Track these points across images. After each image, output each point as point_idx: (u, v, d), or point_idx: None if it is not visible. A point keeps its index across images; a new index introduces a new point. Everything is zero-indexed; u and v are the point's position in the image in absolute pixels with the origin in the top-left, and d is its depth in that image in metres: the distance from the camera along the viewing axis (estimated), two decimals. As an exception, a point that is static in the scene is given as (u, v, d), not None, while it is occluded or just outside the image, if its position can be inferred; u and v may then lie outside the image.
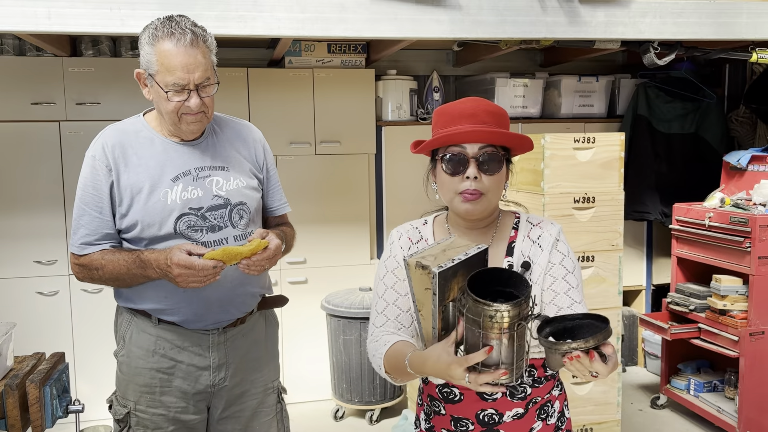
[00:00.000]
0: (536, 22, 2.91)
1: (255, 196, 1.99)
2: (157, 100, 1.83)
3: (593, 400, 3.17)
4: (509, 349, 1.29)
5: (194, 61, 1.77)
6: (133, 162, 1.85)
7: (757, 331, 3.34)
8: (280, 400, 2.13)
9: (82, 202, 1.86)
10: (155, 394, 1.91)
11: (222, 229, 1.89)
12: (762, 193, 3.50)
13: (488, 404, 1.52)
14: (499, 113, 1.50)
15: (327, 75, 3.96)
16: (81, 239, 1.86)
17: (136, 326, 1.93)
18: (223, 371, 1.95)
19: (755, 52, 3.38)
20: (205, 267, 1.71)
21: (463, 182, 1.47)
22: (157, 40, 1.77)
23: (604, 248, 3.10)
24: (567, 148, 3.03)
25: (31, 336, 3.61)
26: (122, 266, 1.81)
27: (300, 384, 4.08)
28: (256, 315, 2.05)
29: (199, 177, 1.89)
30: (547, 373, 1.56)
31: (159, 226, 1.83)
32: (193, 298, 1.87)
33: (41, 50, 3.64)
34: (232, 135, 2.01)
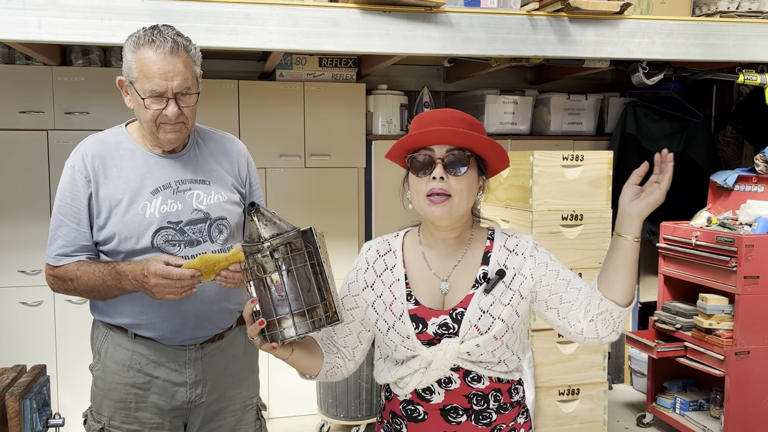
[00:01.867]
0: (526, 40, 2.93)
1: (236, 211, 1.96)
2: (137, 108, 1.81)
3: (579, 417, 3.17)
4: (268, 298, 1.34)
5: (173, 68, 1.75)
6: (112, 174, 1.83)
7: (743, 350, 3.35)
8: (259, 417, 2.10)
9: (59, 213, 1.84)
10: (130, 410, 1.88)
11: (200, 243, 1.86)
12: (748, 213, 3.52)
13: (451, 426, 1.50)
14: (470, 121, 1.50)
15: (318, 88, 3.97)
16: (57, 250, 1.84)
17: (112, 340, 1.90)
18: (200, 387, 1.92)
19: (742, 73, 3.41)
20: (182, 276, 1.68)
21: (430, 183, 1.46)
22: (138, 48, 1.76)
23: (592, 266, 3.11)
24: (555, 165, 3.04)
25: (13, 346, 3.57)
26: (97, 278, 1.79)
27: (285, 399, 4.05)
28: (235, 330, 2.02)
29: (179, 190, 1.86)
30: (513, 399, 1.54)
31: (136, 240, 1.81)
32: (170, 313, 1.84)
33: (31, 59, 3.62)
34: (216, 148, 1.98)
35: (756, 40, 3.18)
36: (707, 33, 3.12)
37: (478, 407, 1.50)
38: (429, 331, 1.48)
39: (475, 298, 1.49)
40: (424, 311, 1.50)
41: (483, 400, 1.50)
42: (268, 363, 3.97)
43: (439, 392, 1.50)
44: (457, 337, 1.46)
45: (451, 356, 1.45)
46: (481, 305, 1.48)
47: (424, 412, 1.52)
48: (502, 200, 3.29)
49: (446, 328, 1.48)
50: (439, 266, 1.55)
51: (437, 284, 1.53)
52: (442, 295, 1.52)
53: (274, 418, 4.04)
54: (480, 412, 1.50)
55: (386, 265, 1.58)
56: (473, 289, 1.50)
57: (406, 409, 1.54)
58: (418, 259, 1.57)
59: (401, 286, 1.54)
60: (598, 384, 3.18)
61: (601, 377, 3.18)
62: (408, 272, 1.55)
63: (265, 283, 1.34)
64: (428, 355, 1.46)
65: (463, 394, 1.49)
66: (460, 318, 1.47)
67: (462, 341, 1.45)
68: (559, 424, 3.11)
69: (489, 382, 1.49)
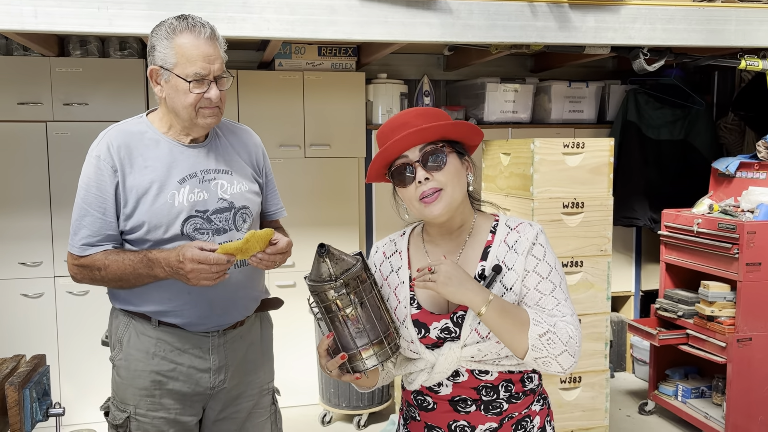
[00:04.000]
0: (526, 27, 2.91)
1: (257, 201, 2.00)
2: (174, 95, 1.82)
3: (581, 405, 3.17)
4: (345, 333, 1.36)
5: (214, 52, 1.80)
6: (138, 163, 1.84)
7: (745, 337, 3.34)
8: (274, 402, 2.13)
9: (84, 203, 1.84)
10: (155, 397, 1.89)
11: (227, 232, 1.89)
12: (750, 199, 3.51)
13: (461, 416, 1.49)
14: (432, 113, 1.48)
15: (317, 78, 3.95)
16: (82, 240, 1.84)
17: (134, 329, 1.91)
18: (223, 373, 1.95)
19: (744, 59, 3.39)
20: (219, 261, 1.71)
21: (418, 188, 1.45)
22: (176, 34, 1.78)
23: (593, 254, 3.10)
24: (556, 153, 3.03)
25: (14, 338, 3.57)
26: (128, 266, 1.80)
27: (288, 388, 4.03)
28: (252, 317, 2.06)
29: (204, 179, 1.89)
30: (526, 388, 1.52)
31: (166, 228, 1.82)
32: (198, 300, 1.86)
33: (28, 50, 3.61)
34: (234, 139, 2.02)
35: (758, 26, 3.15)
36: (709, 18, 3.10)
37: (488, 398, 1.49)
38: (431, 335, 1.48)
39: None
40: (426, 316, 1.49)
41: (492, 391, 1.48)
42: (269, 353, 3.98)
43: (447, 384, 1.50)
44: (459, 341, 1.45)
45: (453, 361, 1.45)
46: None
47: (434, 403, 1.52)
48: (502, 188, 3.28)
49: (448, 332, 1.47)
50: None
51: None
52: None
53: (276, 408, 4.04)
54: (489, 402, 1.49)
55: (392, 267, 1.59)
56: None
57: (417, 399, 1.56)
58: (422, 258, 1.57)
59: (405, 289, 1.54)
60: (600, 372, 3.17)
61: (602, 365, 3.18)
62: (413, 273, 1.55)
63: (340, 318, 1.36)
64: (432, 359, 1.47)
65: (471, 387, 1.48)
66: (461, 322, 1.46)
67: (464, 345, 1.45)
68: (561, 412, 3.11)
69: (498, 374, 1.48)
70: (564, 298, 1.48)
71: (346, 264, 1.35)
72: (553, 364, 1.41)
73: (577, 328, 1.44)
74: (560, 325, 1.41)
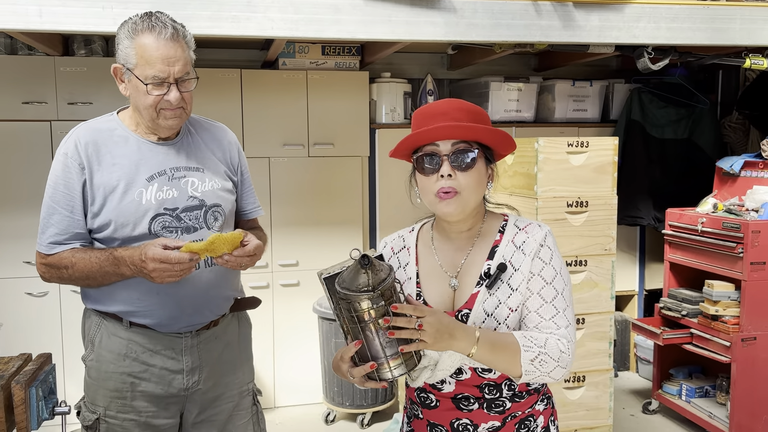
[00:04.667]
0: (530, 26, 2.91)
1: (230, 198, 1.97)
2: (135, 95, 1.80)
3: (585, 405, 3.17)
4: (375, 342, 1.33)
5: (174, 54, 1.76)
6: (107, 161, 1.82)
7: (749, 336, 3.34)
8: (255, 402, 2.10)
9: (52, 201, 1.82)
10: (126, 399, 1.87)
11: (197, 230, 1.87)
12: (754, 198, 3.50)
13: (463, 414, 1.49)
14: (474, 111, 1.47)
15: (321, 77, 3.95)
16: (50, 238, 1.82)
17: (105, 329, 1.89)
18: (197, 375, 1.92)
19: (748, 58, 3.38)
20: (181, 260, 1.68)
21: (438, 181, 1.44)
22: (137, 34, 1.75)
23: (597, 253, 3.10)
24: (560, 152, 3.03)
25: (20, 337, 3.58)
26: (94, 264, 1.78)
27: (291, 387, 4.06)
28: (228, 317, 2.02)
29: (174, 177, 1.86)
30: (530, 387, 1.52)
31: (133, 226, 1.80)
32: (167, 300, 1.84)
33: (33, 49, 3.61)
34: (207, 137, 1.99)
35: (762, 24, 3.14)
36: (713, 17, 3.09)
37: (490, 396, 1.48)
38: None
39: (480, 297, 1.47)
40: None
41: (495, 390, 1.48)
42: (273, 353, 3.98)
43: (450, 382, 1.49)
44: None
45: (457, 358, 1.44)
46: (486, 307, 1.46)
47: (436, 400, 1.52)
48: (506, 187, 3.28)
49: None
50: (449, 261, 1.54)
51: (447, 280, 1.52)
52: (452, 291, 1.51)
53: (280, 407, 4.05)
54: (492, 401, 1.48)
55: (400, 262, 1.59)
56: (477, 287, 1.48)
57: (420, 397, 1.55)
58: (430, 254, 1.57)
59: (412, 285, 1.54)
60: (603, 371, 3.17)
61: (606, 364, 3.18)
62: (420, 269, 1.55)
63: (371, 328, 1.33)
64: (435, 356, 1.45)
65: (474, 384, 1.48)
66: (465, 320, 1.45)
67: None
68: (565, 411, 3.11)
69: (501, 373, 1.48)
70: (564, 307, 1.47)
71: (382, 274, 1.32)
72: (546, 379, 1.43)
73: (570, 341, 1.44)
74: (551, 343, 1.42)
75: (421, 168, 1.47)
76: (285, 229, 3.94)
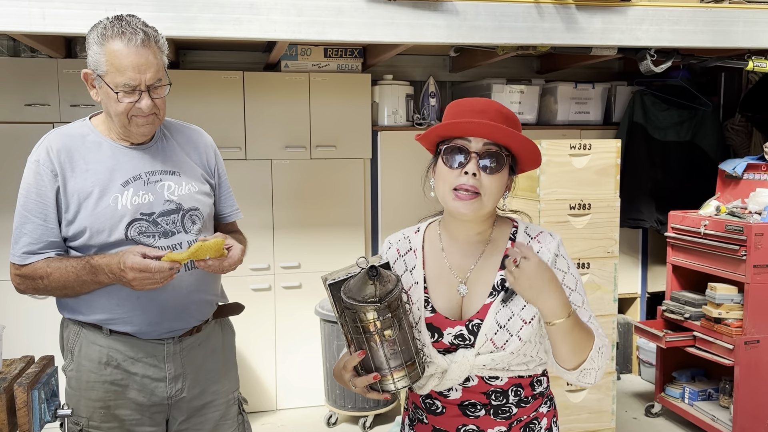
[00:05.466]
0: (533, 28, 2.91)
1: (207, 202, 1.94)
2: (106, 102, 1.77)
3: (587, 407, 3.16)
4: (380, 353, 1.32)
5: (146, 61, 1.71)
6: (80, 167, 1.79)
7: (752, 339, 3.33)
8: (241, 411, 2.07)
9: (24, 210, 1.79)
10: (109, 408, 1.84)
11: (174, 234, 1.84)
12: (757, 201, 3.50)
13: (470, 420, 1.48)
14: (510, 116, 1.44)
15: (323, 79, 3.95)
16: (23, 248, 1.79)
17: (85, 338, 1.86)
18: (180, 382, 1.89)
19: (751, 60, 3.38)
20: (161, 269, 1.66)
21: (460, 177, 1.40)
22: (106, 40, 1.71)
23: (600, 255, 3.09)
24: (563, 154, 3.02)
25: (22, 340, 3.58)
26: (70, 273, 1.74)
27: (293, 389, 4.05)
28: (212, 324, 2.00)
29: (150, 181, 1.83)
30: (535, 391, 1.51)
31: (109, 233, 1.77)
32: (148, 305, 1.81)
33: (36, 51, 3.62)
34: (183, 140, 1.96)
35: (765, 27, 3.14)
36: (716, 19, 3.09)
37: (497, 402, 1.47)
38: (445, 340, 1.46)
39: (492, 309, 1.44)
40: (440, 320, 1.46)
41: (502, 396, 1.47)
42: (275, 355, 3.98)
43: (456, 389, 1.48)
44: (473, 349, 1.43)
45: (465, 368, 1.43)
46: (498, 318, 1.43)
47: (443, 407, 1.50)
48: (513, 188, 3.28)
49: (462, 339, 1.44)
50: (458, 265, 1.50)
51: (455, 285, 1.49)
52: (461, 298, 1.48)
53: (282, 409, 4.05)
54: (499, 407, 1.47)
55: (406, 266, 1.54)
56: (491, 298, 1.45)
57: (426, 403, 1.53)
58: (437, 257, 1.53)
59: (419, 290, 1.50)
60: (606, 374, 3.17)
61: (609, 367, 3.17)
62: (427, 273, 1.52)
63: (376, 339, 1.32)
64: (444, 364, 1.44)
65: (481, 391, 1.47)
66: (477, 330, 1.43)
67: (478, 353, 1.42)
68: (567, 414, 3.10)
69: (508, 380, 1.47)
70: (590, 315, 1.49)
71: (389, 285, 1.30)
72: (591, 377, 1.42)
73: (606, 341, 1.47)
74: (605, 341, 1.45)
75: (447, 159, 1.43)
76: (287, 232, 3.94)
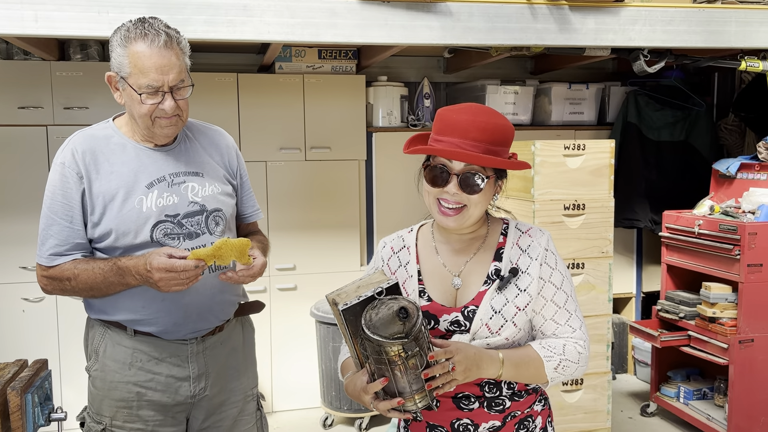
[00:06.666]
0: (526, 29, 2.91)
1: (230, 203, 1.96)
2: (130, 104, 1.78)
3: (583, 407, 3.16)
4: (403, 380, 1.33)
5: (168, 62, 1.73)
6: (105, 169, 1.80)
7: (747, 338, 3.34)
8: (259, 407, 2.09)
9: (50, 211, 1.80)
10: (132, 409, 1.85)
11: (199, 236, 1.85)
12: (751, 200, 3.51)
13: (464, 413, 1.50)
14: (496, 131, 1.43)
15: (317, 81, 3.95)
16: (50, 250, 1.79)
17: (110, 339, 1.87)
18: (203, 381, 1.91)
19: (744, 60, 3.39)
20: (186, 268, 1.67)
21: (443, 194, 1.45)
22: (129, 42, 1.72)
23: (594, 255, 3.10)
24: (557, 155, 3.03)
25: (16, 343, 3.57)
26: (98, 275, 1.76)
27: (289, 391, 4.05)
28: (233, 322, 2.01)
29: (174, 183, 1.84)
30: (528, 387, 1.54)
31: (134, 234, 1.78)
32: (172, 307, 1.83)
33: (29, 54, 3.61)
34: (205, 141, 1.97)
35: (758, 27, 3.15)
36: (709, 20, 3.10)
37: (491, 395, 1.50)
38: (441, 327, 1.49)
39: (488, 295, 1.49)
40: (437, 308, 1.51)
41: (495, 388, 1.50)
42: (271, 357, 3.97)
43: None
44: (468, 334, 1.47)
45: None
46: (494, 304, 1.48)
47: (437, 400, 1.52)
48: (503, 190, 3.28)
49: (458, 325, 1.48)
50: (452, 261, 1.55)
51: (450, 279, 1.53)
52: (455, 290, 1.53)
53: (278, 412, 4.04)
54: (492, 399, 1.50)
55: (400, 261, 1.59)
56: (485, 286, 1.50)
57: None
58: (431, 254, 1.57)
59: (414, 282, 1.55)
60: (601, 374, 3.17)
61: (604, 367, 3.18)
62: (421, 268, 1.56)
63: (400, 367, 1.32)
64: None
65: (474, 383, 1.49)
66: (472, 316, 1.47)
67: (473, 339, 1.46)
68: (563, 414, 3.10)
69: None
70: (575, 308, 1.54)
71: (414, 318, 1.30)
72: (570, 378, 1.52)
73: (585, 340, 1.52)
74: (569, 348, 1.49)
75: (430, 178, 1.47)
76: (282, 233, 3.94)
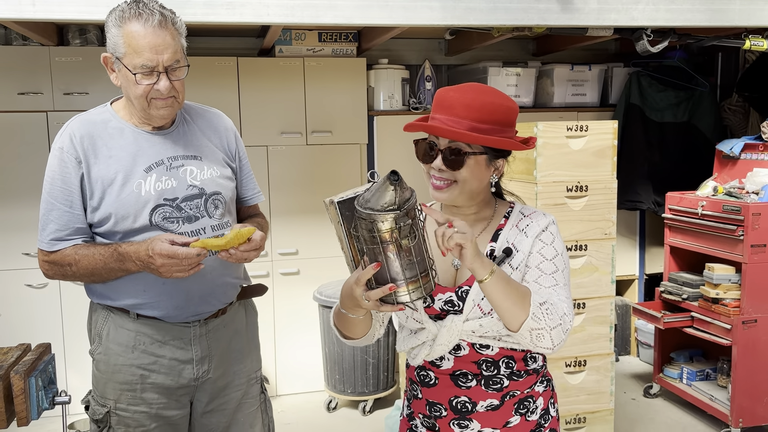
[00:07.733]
0: (528, 9, 2.88)
1: (229, 186, 1.95)
2: (126, 85, 1.78)
3: (586, 389, 3.17)
4: (396, 264, 1.29)
5: (163, 42, 1.72)
6: (103, 153, 1.80)
7: (750, 319, 3.34)
8: (263, 390, 2.10)
9: (50, 197, 1.80)
10: (136, 391, 1.86)
11: (198, 219, 1.85)
12: (755, 181, 3.49)
13: (462, 391, 1.51)
14: (481, 107, 1.43)
15: (318, 64, 3.92)
16: (51, 235, 1.80)
17: (113, 322, 1.88)
18: (206, 364, 1.92)
19: (748, 39, 3.36)
20: (188, 255, 1.67)
21: (431, 170, 1.47)
22: (124, 22, 1.71)
23: (597, 237, 3.09)
24: (560, 136, 3.01)
25: (20, 328, 3.58)
26: (98, 260, 1.76)
27: (292, 375, 4.06)
28: (236, 305, 2.02)
29: (172, 167, 1.84)
30: (529, 367, 1.53)
31: (134, 218, 1.78)
32: (174, 290, 1.83)
33: (28, 39, 3.59)
34: (203, 124, 1.97)
35: (762, 5, 3.12)
36: (713, -2, 3.07)
37: (488, 373, 1.50)
38: (435, 306, 1.50)
39: None
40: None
41: (493, 366, 1.50)
42: (274, 341, 3.98)
43: (448, 358, 1.51)
44: (462, 315, 1.47)
45: (454, 333, 1.46)
46: None
47: (435, 378, 1.53)
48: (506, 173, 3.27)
49: (451, 305, 1.49)
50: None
51: (450, 258, 1.52)
52: (455, 270, 1.53)
53: (282, 395, 4.06)
54: (490, 378, 1.50)
55: None
56: None
57: (419, 375, 1.57)
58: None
59: None
60: (604, 355, 3.18)
61: (607, 349, 3.18)
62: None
63: (393, 249, 1.28)
64: (434, 329, 1.48)
65: (472, 360, 1.50)
66: (465, 296, 1.47)
67: (466, 319, 1.46)
68: (566, 395, 3.11)
69: (499, 350, 1.49)
70: (564, 282, 1.48)
71: (407, 193, 1.27)
72: (546, 339, 1.38)
73: (570, 310, 1.43)
74: (555, 301, 1.42)
75: (420, 153, 1.50)
76: (284, 218, 3.93)
